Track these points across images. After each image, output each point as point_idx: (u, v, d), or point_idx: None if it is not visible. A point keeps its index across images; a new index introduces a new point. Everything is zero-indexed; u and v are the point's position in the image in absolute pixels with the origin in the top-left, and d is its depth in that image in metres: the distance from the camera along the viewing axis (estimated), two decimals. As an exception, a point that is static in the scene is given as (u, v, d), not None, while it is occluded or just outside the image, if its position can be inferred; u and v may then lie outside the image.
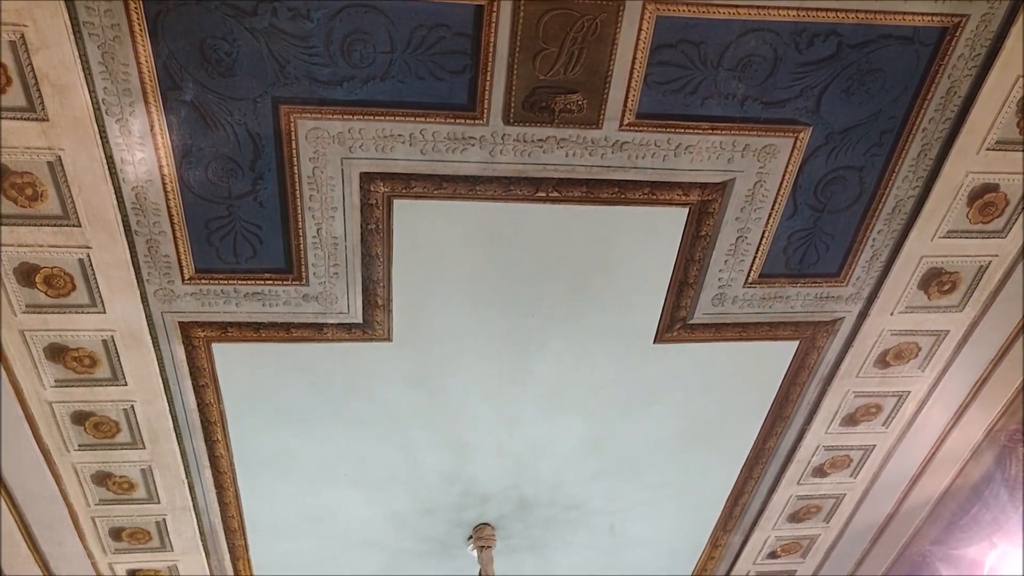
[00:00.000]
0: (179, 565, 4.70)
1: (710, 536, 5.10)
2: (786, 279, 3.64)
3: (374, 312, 3.54)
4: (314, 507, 4.47)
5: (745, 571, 5.39)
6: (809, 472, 4.68)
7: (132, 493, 4.21)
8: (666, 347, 3.86)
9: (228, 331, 3.55)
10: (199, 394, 3.80)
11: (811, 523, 5.05)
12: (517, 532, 4.82)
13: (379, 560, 4.90)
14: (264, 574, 4.90)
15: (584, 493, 4.62)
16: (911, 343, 3.97)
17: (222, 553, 4.67)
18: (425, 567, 4.98)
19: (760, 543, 5.17)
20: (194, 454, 4.08)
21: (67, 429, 3.82)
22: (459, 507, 4.60)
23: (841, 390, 4.20)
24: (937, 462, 4.66)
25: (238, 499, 4.38)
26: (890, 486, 4.82)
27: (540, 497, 4.62)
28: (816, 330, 3.88)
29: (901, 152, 3.15)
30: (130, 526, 4.39)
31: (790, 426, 4.40)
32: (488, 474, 4.42)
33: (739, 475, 4.67)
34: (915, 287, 3.69)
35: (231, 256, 3.26)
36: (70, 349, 3.47)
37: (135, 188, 2.95)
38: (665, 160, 3.11)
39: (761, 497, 4.84)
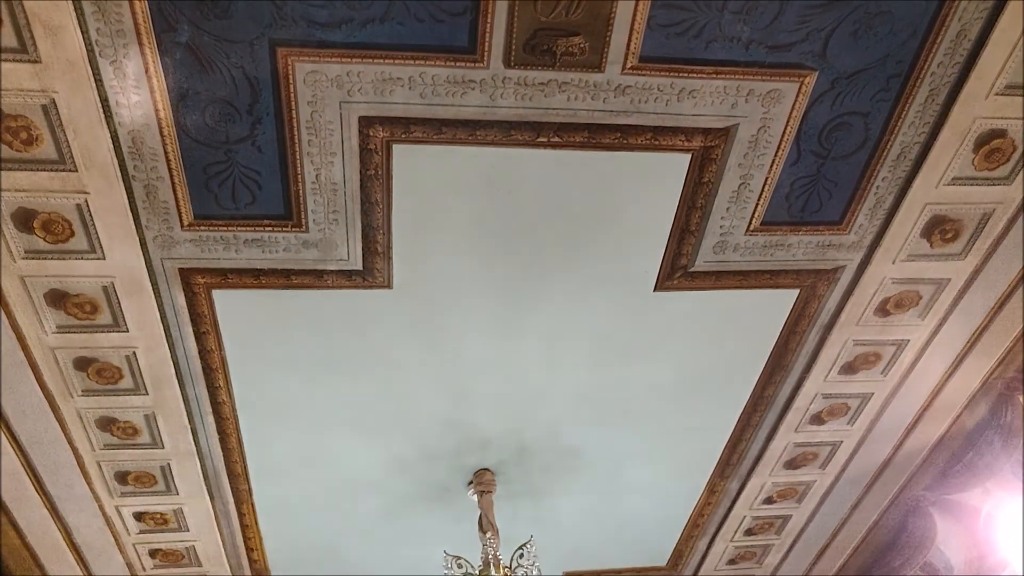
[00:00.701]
0: (184, 508, 4.77)
1: (707, 482, 5.16)
2: (788, 227, 3.62)
3: (374, 259, 3.53)
4: (316, 452, 4.53)
5: (742, 516, 5.48)
6: (807, 420, 4.72)
7: (136, 438, 4.26)
8: (666, 295, 3.86)
9: (228, 278, 3.54)
10: (200, 340, 3.81)
11: (807, 469, 5.11)
12: (516, 477, 4.88)
13: (380, 504, 4.98)
14: (267, 517, 4.98)
15: (583, 439, 4.67)
16: (912, 291, 3.96)
17: (226, 497, 4.75)
18: (426, 511, 5.06)
19: (757, 489, 5.24)
20: (196, 400, 4.11)
21: (70, 375, 3.84)
22: (459, 453, 4.65)
23: (841, 339, 4.21)
24: (934, 410, 4.70)
25: (241, 444, 4.43)
26: (886, 433, 4.87)
27: (539, 443, 4.67)
28: (817, 278, 3.87)
29: (908, 97, 3.10)
30: (135, 470, 4.45)
31: (789, 374, 4.42)
32: (488, 420, 4.46)
33: (737, 422, 4.71)
34: (918, 235, 3.67)
35: (230, 202, 3.24)
36: (71, 295, 3.47)
37: (131, 132, 2.91)
38: (668, 105, 3.06)
39: (759, 444, 4.89)
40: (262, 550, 5.26)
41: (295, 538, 5.21)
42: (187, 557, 5.18)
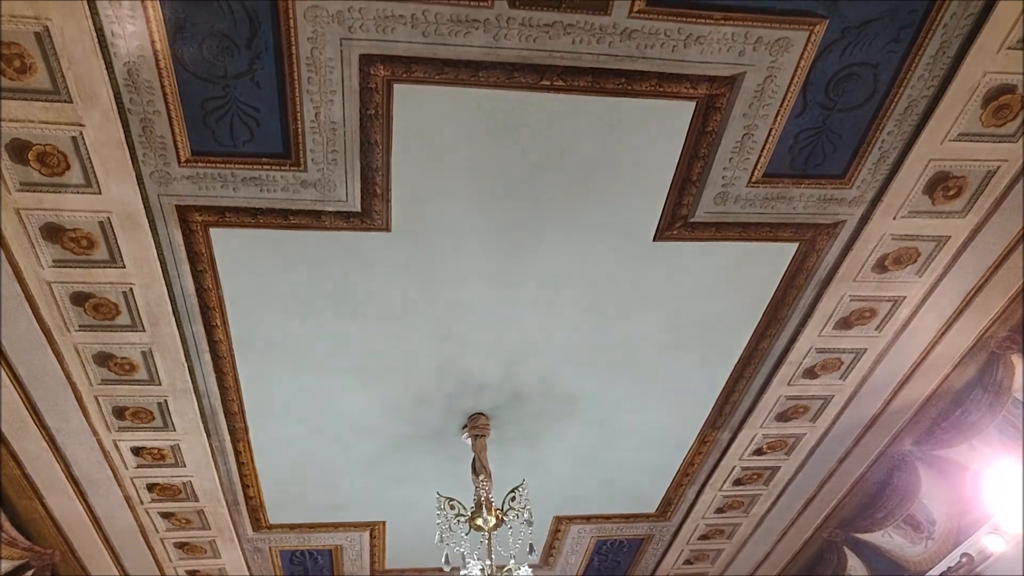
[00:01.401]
0: (181, 444, 4.82)
1: (699, 432, 5.22)
2: (790, 179, 3.59)
3: (372, 201, 3.50)
4: (312, 392, 4.56)
5: (731, 466, 5.56)
6: (800, 373, 4.76)
7: (133, 374, 4.28)
8: (665, 245, 3.85)
9: (226, 216, 3.52)
10: (197, 279, 3.81)
11: (798, 422, 5.17)
12: (510, 422, 4.93)
13: (375, 445, 5.04)
14: (263, 456, 5.04)
15: (577, 386, 4.70)
16: (911, 248, 3.96)
17: (223, 435, 4.80)
18: (420, 453, 5.12)
19: (747, 440, 5.31)
20: (193, 338, 4.13)
21: (67, 310, 3.84)
22: (454, 396, 4.69)
23: (837, 293, 4.22)
24: (926, 367, 4.73)
25: (237, 383, 4.45)
26: (877, 389, 4.91)
27: (534, 389, 4.70)
28: (817, 232, 3.86)
29: (919, 49, 3.05)
30: (132, 406, 4.48)
31: (784, 328, 4.44)
32: (483, 365, 4.48)
33: (731, 374, 4.75)
34: (920, 191, 3.65)
35: (228, 139, 3.20)
36: (67, 229, 3.45)
37: (127, 64, 2.86)
38: (674, 51, 3.01)
39: (751, 396, 4.93)
40: (258, 488, 5.34)
41: (291, 477, 5.28)
42: (184, 492, 5.25)
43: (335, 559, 6.27)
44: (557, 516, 6.03)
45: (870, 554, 6.28)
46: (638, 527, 6.23)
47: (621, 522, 6.15)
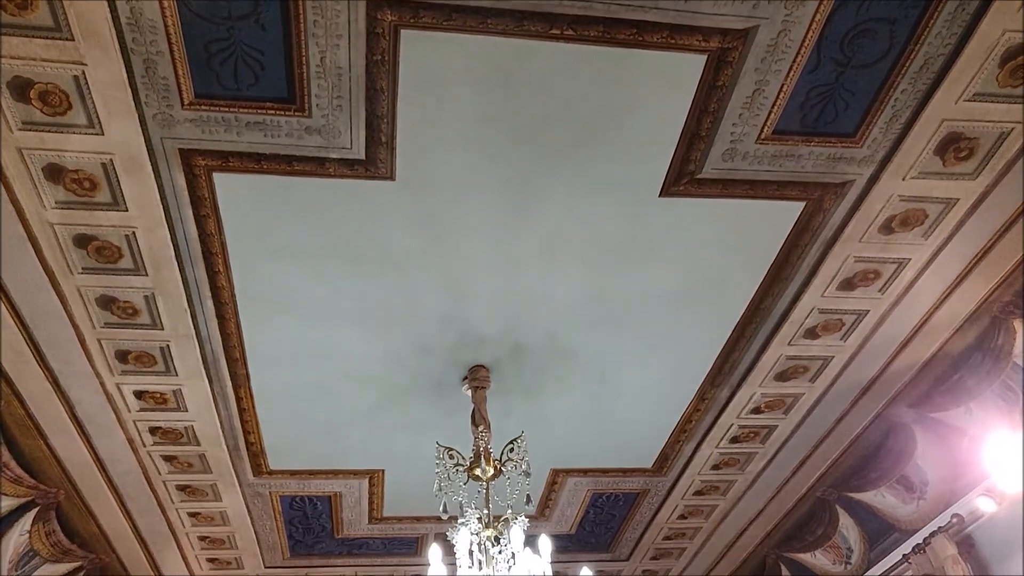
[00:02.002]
0: (183, 389, 4.85)
1: (698, 389, 5.25)
2: (800, 137, 3.55)
3: (377, 149, 3.47)
4: (313, 341, 4.57)
5: (729, 424, 5.60)
6: (801, 333, 4.77)
7: (136, 319, 4.29)
8: (671, 201, 3.82)
9: (229, 161, 3.49)
10: (200, 224, 3.79)
11: (797, 382, 5.20)
12: (510, 375, 4.96)
13: (375, 395, 5.07)
14: (264, 402, 5.08)
15: (578, 341, 4.72)
16: (918, 210, 3.93)
17: (224, 380, 4.82)
18: (420, 403, 5.16)
19: (746, 398, 5.34)
20: (196, 284, 4.13)
21: (70, 252, 3.83)
22: (455, 348, 4.70)
23: (842, 254, 4.20)
24: (927, 330, 4.73)
25: (239, 330, 4.47)
26: (878, 351, 4.92)
27: (535, 342, 4.72)
28: (824, 192, 3.83)
29: (938, 5, 2.98)
30: (135, 350, 4.50)
31: (787, 287, 4.43)
32: (485, 318, 4.49)
33: (732, 333, 4.75)
34: (931, 152, 3.61)
35: (232, 82, 3.16)
36: (69, 170, 3.43)
37: (130, 2, 2.80)
38: (687, 2, 2.94)
39: (751, 355, 4.95)
40: (259, 434, 5.39)
41: (291, 424, 5.33)
42: (186, 436, 5.31)
43: (334, 505, 6.36)
44: (554, 469, 6.09)
45: (862, 512, 6.36)
46: (634, 481, 6.30)
47: (618, 476, 6.22)
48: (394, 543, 7.03)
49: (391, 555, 7.22)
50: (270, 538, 6.75)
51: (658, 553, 7.47)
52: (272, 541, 6.80)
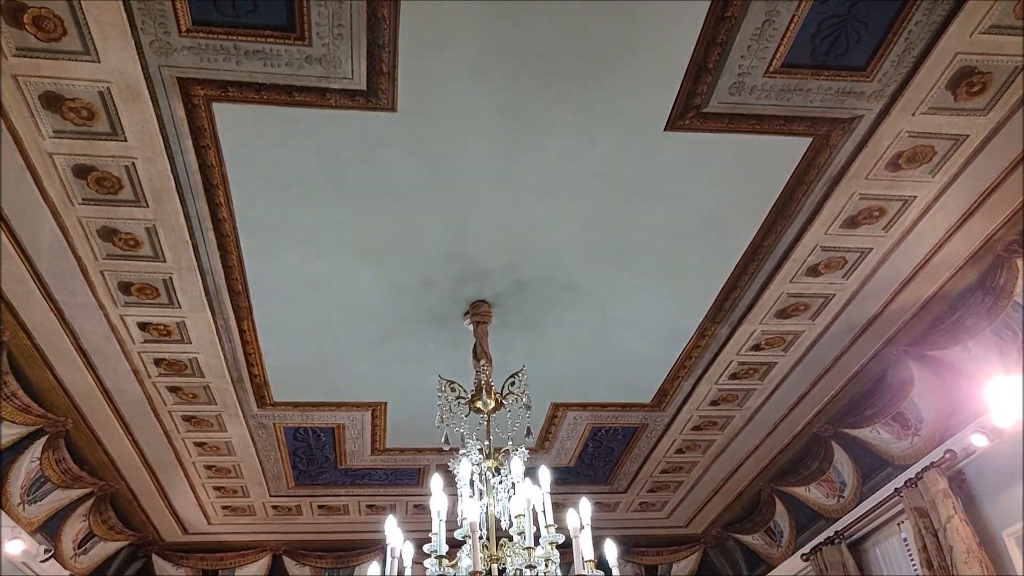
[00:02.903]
0: (186, 322, 4.88)
1: (699, 326, 5.28)
2: (809, 71, 3.48)
3: (379, 79, 3.41)
4: (315, 274, 4.58)
5: (728, 360, 5.65)
6: (803, 271, 4.76)
7: (138, 250, 4.29)
8: (677, 135, 3.77)
9: (228, 91, 3.44)
10: (200, 155, 3.75)
11: (797, 319, 5.22)
12: (512, 309, 4.98)
13: (377, 328, 5.10)
14: (267, 335, 5.11)
15: (579, 276, 4.72)
16: (927, 146, 3.88)
17: (227, 313, 4.85)
18: (422, 337, 5.19)
19: (746, 335, 5.37)
20: (197, 216, 4.11)
21: (70, 182, 3.81)
22: (457, 282, 4.71)
23: (847, 191, 4.17)
24: (929, 268, 4.73)
25: (241, 262, 4.47)
26: (879, 289, 4.93)
27: (536, 277, 4.72)
28: (832, 127, 3.78)
29: (957, -68, 2.90)
30: (138, 282, 4.51)
31: (791, 225, 4.41)
32: (487, 252, 4.48)
33: (734, 269, 4.75)
34: (943, 86, 3.54)
35: (230, 8, 3.08)
36: (66, 99, 3.38)
37: (123, -78, 2.72)
38: (699, -74, 2.85)
39: (753, 292, 4.95)
40: (262, 366, 5.44)
41: (294, 356, 5.37)
42: (190, 368, 5.36)
43: (337, 437, 6.47)
44: (554, 403, 6.17)
45: (856, 448, 6.47)
46: (633, 416, 6.39)
47: (617, 410, 6.30)
48: (396, 474, 7.17)
49: (393, 485, 7.37)
50: (275, 468, 6.89)
51: (655, 486, 7.62)
52: (277, 471, 6.94)
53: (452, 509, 3.99)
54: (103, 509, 6.93)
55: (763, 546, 8.26)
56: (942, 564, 5.38)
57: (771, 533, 8.04)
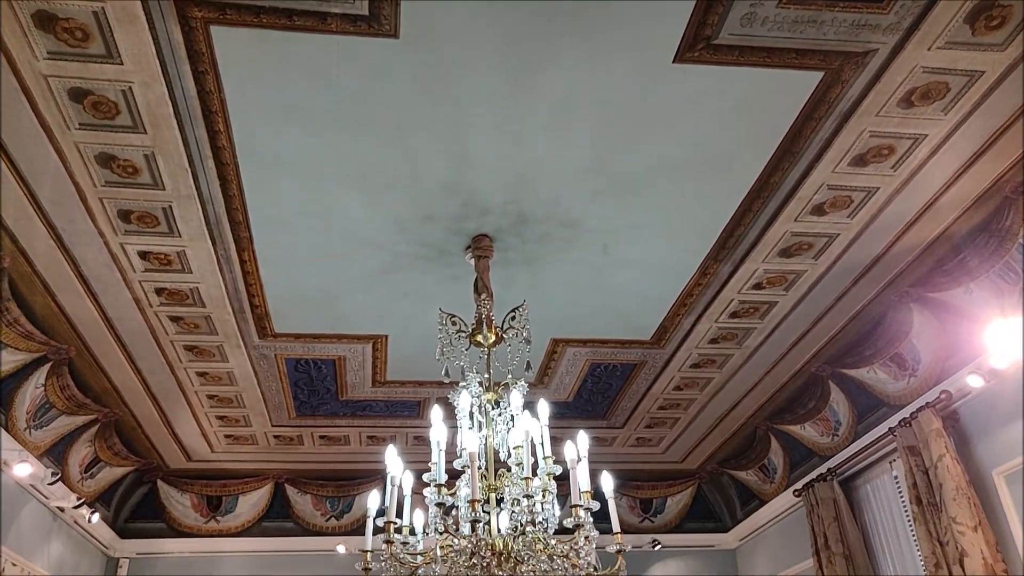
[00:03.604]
0: (187, 251, 4.87)
1: (700, 264, 5.26)
2: (823, 1, 3.38)
3: (381, 4, 3.31)
4: (316, 205, 4.54)
5: (729, 299, 5.65)
6: (808, 210, 4.72)
7: (137, 177, 4.24)
8: (685, 68, 3.69)
9: (227, 13, 3.34)
10: (199, 81, 3.68)
11: (800, 259, 5.20)
12: (513, 245, 4.95)
13: (379, 261, 5.08)
14: (268, 266, 5.09)
15: (582, 212, 4.68)
16: (941, 82, 3.79)
17: (228, 243, 4.82)
18: (423, 271, 5.18)
19: (748, 274, 5.35)
20: (196, 143, 4.05)
21: (66, 106, 3.74)
22: (459, 217, 4.68)
23: (857, 128, 4.10)
24: (936, 209, 4.69)
25: (241, 192, 4.42)
26: (884, 229, 4.90)
27: (538, 213, 4.68)
28: (845, 61, 3.69)
29: None
30: (137, 209, 4.48)
31: (798, 162, 4.35)
32: (489, 186, 4.43)
33: (738, 207, 4.71)
34: (961, 19, 3.43)
35: (226, -75, 2.98)
36: (59, 19, 3.29)
37: None
38: None
39: (757, 230, 4.92)
40: (263, 297, 5.45)
41: (295, 288, 5.37)
42: (191, 298, 5.37)
43: (338, 368, 6.52)
44: (554, 338, 6.20)
45: (853, 388, 6.53)
46: (632, 353, 6.42)
47: (616, 347, 6.33)
48: (397, 406, 7.25)
49: (394, 417, 7.47)
50: (276, 398, 6.96)
51: (652, 422, 7.72)
52: (278, 401, 7.02)
53: (451, 441, 4.05)
54: (108, 435, 7.04)
55: (756, 482, 8.42)
56: (931, 501, 5.48)
57: (765, 470, 8.18)
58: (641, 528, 9.00)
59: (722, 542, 9.22)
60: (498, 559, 3.79)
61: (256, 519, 8.58)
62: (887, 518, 6.53)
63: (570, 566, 3.84)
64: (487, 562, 3.75)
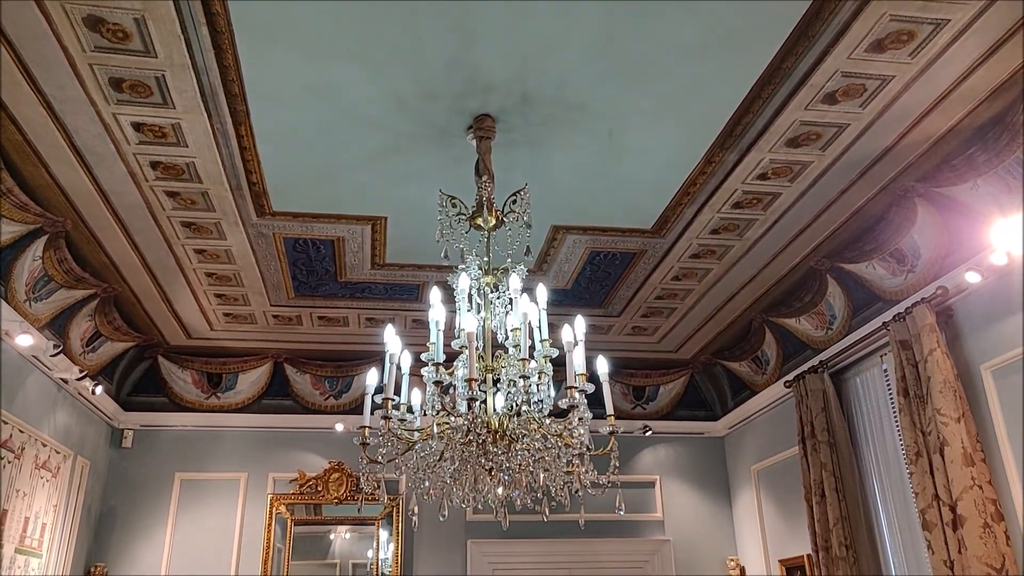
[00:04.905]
0: (182, 124, 4.74)
1: (706, 152, 5.16)
2: None
3: None
4: (315, 80, 4.40)
5: (733, 189, 5.58)
6: (820, 98, 4.59)
7: (128, 43, 4.08)
8: (703, -62, 3.50)
9: None
10: (189, -62, 3.49)
11: (807, 149, 5.10)
12: (517, 127, 4.84)
13: (378, 140, 4.98)
14: (265, 142, 4.99)
15: (589, 94, 4.55)
16: (971, -38, 3.62)
17: (224, 116, 4.70)
18: (424, 151, 5.08)
19: (753, 164, 5.27)
20: (189, 8, 3.87)
21: (50, -37, 3.56)
22: (461, 95, 4.54)
23: (877, 12, 3.92)
24: (951, 100, 4.57)
25: (237, 63, 4.27)
26: (896, 120, 4.78)
27: (543, 94, 4.55)
28: (872, -64, 3.49)
29: None
30: (129, 78, 4.33)
31: (813, 46, 4.19)
32: (493, 64, 4.28)
33: (748, 93, 4.57)
34: None
35: None
36: None
37: None
38: None
39: (765, 118, 4.80)
40: (260, 174, 5.36)
41: (293, 166, 5.28)
42: (187, 173, 5.28)
43: (337, 249, 6.50)
44: (555, 225, 6.16)
45: (850, 282, 6.55)
46: (632, 241, 6.40)
47: (616, 235, 6.30)
48: (396, 288, 7.28)
49: (392, 300, 7.51)
50: (275, 278, 6.98)
51: (649, 311, 7.79)
52: (277, 281, 7.04)
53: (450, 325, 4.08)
54: (108, 311, 7.10)
55: (748, 373, 8.58)
56: (918, 393, 5.60)
57: (758, 361, 8.33)
58: (633, 414, 9.24)
59: (711, 430, 9.50)
60: (493, 437, 3.88)
61: (256, 397, 8.78)
62: (873, 410, 6.70)
63: (563, 445, 3.94)
64: (483, 439, 3.84)
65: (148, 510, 8.25)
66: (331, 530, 8.81)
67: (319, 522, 8.64)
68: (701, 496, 9.27)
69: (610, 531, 8.71)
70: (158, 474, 8.41)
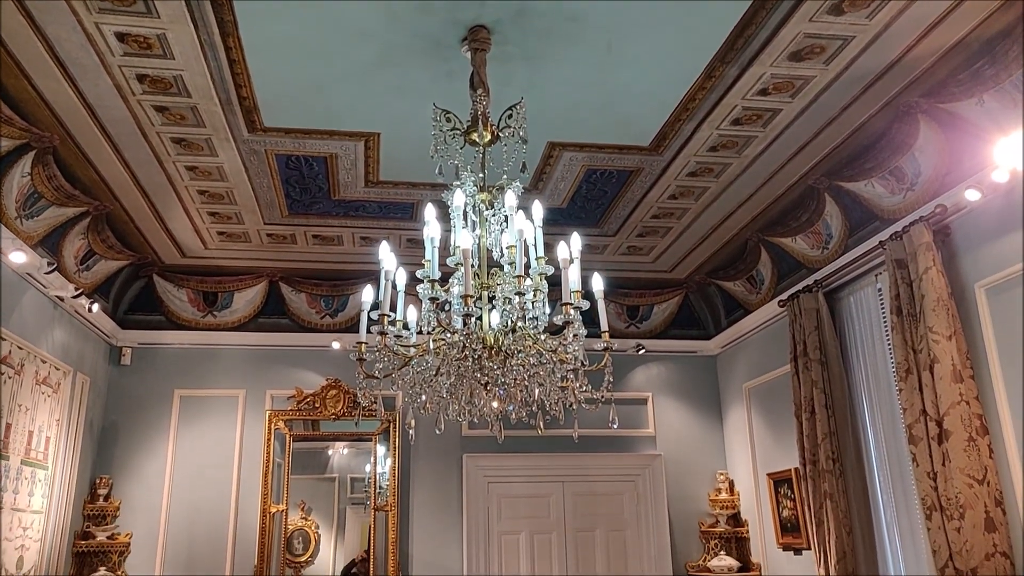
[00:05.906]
0: (168, 34, 4.59)
1: (706, 66, 5.03)
2: None
3: None
4: (304, -13, 4.24)
5: (733, 104, 5.47)
6: (826, 9, 4.45)
7: (107, -52, 3.92)
8: None
9: None
10: None
11: (811, 63, 4.98)
12: (513, 39, 4.70)
13: (371, 51, 4.84)
14: (255, 55, 4.85)
15: (587, 5, 4.40)
16: None
17: (211, 27, 4.54)
18: (417, 64, 4.95)
19: (754, 78, 5.15)
20: (170, -90, 3.70)
21: None
22: (456, 6, 4.39)
23: (889, -84, 3.77)
24: (961, 11, 4.43)
25: (223, -31, 4.11)
26: (902, 32, 4.65)
27: (540, 4, 4.40)
28: None
29: None
30: (110, -15, 4.18)
31: (820, -47, 4.05)
32: (489, -30, 4.13)
33: (752, 3, 4.43)
34: None
35: None
36: None
37: None
38: None
39: (768, 30, 4.66)
40: (251, 88, 5.23)
41: (284, 80, 5.15)
42: (175, 87, 5.15)
43: (330, 166, 6.41)
44: (551, 142, 6.06)
45: (848, 201, 6.51)
46: (629, 159, 6.32)
47: (613, 152, 6.22)
48: (390, 207, 7.21)
49: (387, 218, 7.45)
50: (268, 196, 6.90)
51: (644, 231, 7.76)
52: (270, 199, 6.96)
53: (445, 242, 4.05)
54: (101, 228, 7.04)
55: (743, 292, 8.62)
56: (911, 312, 5.64)
57: (752, 281, 8.35)
58: (627, 333, 9.32)
59: (704, 348, 9.60)
60: (489, 352, 3.91)
61: (252, 315, 8.81)
62: (866, 328, 6.76)
63: (558, 361, 3.97)
64: (478, 355, 3.87)
65: (149, 425, 8.39)
66: (329, 446, 9.00)
67: (317, 437, 8.81)
68: (692, 413, 9.44)
69: (602, 446, 8.90)
70: (158, 391, 8.51)
